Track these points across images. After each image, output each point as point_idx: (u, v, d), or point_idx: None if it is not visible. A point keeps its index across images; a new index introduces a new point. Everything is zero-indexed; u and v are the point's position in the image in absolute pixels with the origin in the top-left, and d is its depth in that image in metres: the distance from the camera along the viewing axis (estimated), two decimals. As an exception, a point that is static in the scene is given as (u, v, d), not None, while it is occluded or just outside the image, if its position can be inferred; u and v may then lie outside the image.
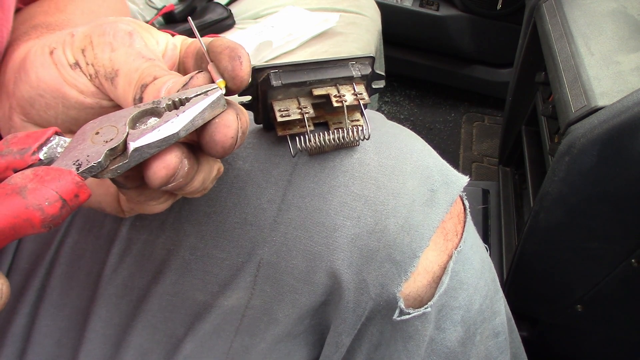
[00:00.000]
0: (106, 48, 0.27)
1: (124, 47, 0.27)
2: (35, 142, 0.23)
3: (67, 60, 0.27)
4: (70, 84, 0.27)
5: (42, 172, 0.21)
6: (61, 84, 0.27)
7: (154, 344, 0.38)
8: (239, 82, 0.25)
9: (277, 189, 0.35)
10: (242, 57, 0.25)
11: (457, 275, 0.38)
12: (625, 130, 0.54)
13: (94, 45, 0.27)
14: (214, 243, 0.35)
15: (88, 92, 0.27)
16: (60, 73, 0.27)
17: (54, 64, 0.27)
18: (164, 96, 0.25)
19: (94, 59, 0.27)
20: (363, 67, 0.33)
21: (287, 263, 0.35)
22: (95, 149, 0.23)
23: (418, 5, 1.51)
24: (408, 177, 0.36)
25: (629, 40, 0.67)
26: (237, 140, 0.25)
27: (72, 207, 0.21)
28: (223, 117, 0.25)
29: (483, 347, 0.42)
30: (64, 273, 0.39)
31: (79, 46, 0.27)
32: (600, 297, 0.71)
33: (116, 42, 0.27)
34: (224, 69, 0.25)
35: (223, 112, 0.25)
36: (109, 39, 0.27)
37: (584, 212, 0.63)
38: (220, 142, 0.25)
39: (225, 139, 0.25)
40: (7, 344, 0.39)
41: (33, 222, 0.20)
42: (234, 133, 0.25)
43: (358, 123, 0.35)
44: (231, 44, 0.26)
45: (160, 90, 0.25)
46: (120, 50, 0.27)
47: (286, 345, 0.38)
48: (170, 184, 0.24)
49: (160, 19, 1.10)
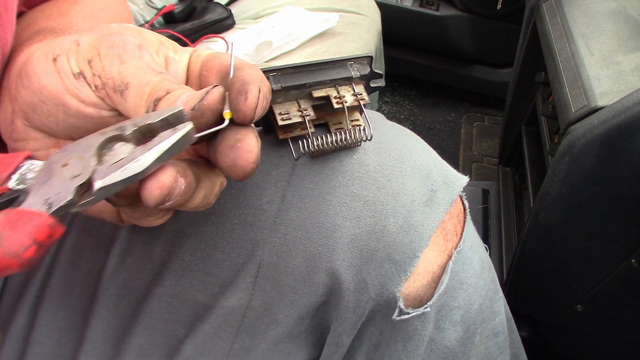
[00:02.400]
0: (115, 60, 0.26)
1: (133, 60, 0.26)
2: (5, 171, 0.23)
3: (71, 69, 0.27)
4: (72, 93, 0.27)
5: (14, 217, 0.22)
6: (63, 93, 0.27)
7: (155, 345, 0.38)
8: (242, 117, 0.25)
9: (277, 190, 0.35)
10: (248, 93, 0.24)
11: (457, 275, 0.38)
12: (625, 130, 0.54)
13: (102, 57, 0.27)
14: (214, 244, 0.35)
15: (89, 102, 0.27)
16: (62, 81, 0.27)
17: (57, 72, 0.27)
18: (126, 122, 0.24)
19: (102, 70, 0.27)
20: (361, 67, 0.33)
21: (287, 264, 0.35)
22: (65, 186, 0.23)
23: (418, 5, 1.51)
24: (408, 177, 0.36)
25: (629, 40, 0.67)
26: (258, 164, 0.25)
27: (48, 246, 0.22)
28: (245, 142, 0.24)
29: (483, 347, 0.42)
30: (64, 273, 0.39)
31: (85, 56, 0.27)
32: (600, 297, 0.71)
33: (126, 55, 0.27)
34: (231, 100, 0.25)
35: (245, 136, 0.25)
36: (118, 51, 0.27)
37: (584, 212, 0.63)
38: (241, 167, 0.24)
39: (247, 163, 0.24)
40: (7, 343, 0.39)
41: (11, 267, 0.21)
42: (256, 158, 0.25)
43: (358, 123, 0.35)
44: (246, 77, 0.25)
45: (176, 104, 0.24)
46: (130, 63, 0.26)
47: (286, 345, 0.39)
48: (167, 203, 0.24)
49: (160, 19, 1.10)
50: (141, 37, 0.28)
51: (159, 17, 1.09)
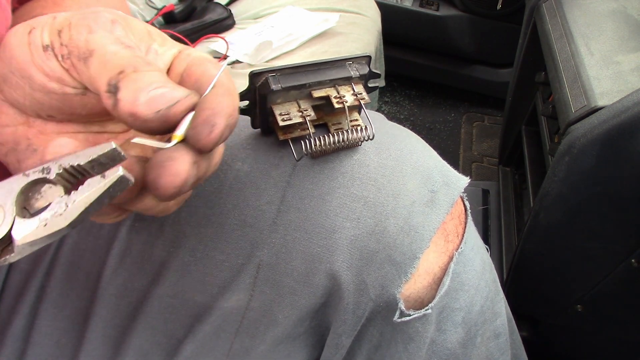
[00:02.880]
0: (83, 30, 0.26)
1: (103, 31, 0.26)
2: None
3: (42, 41, 0.26)
4: (37, 66, 0.26)
5: None
6: (29, 65, 0.26)
7: (154, 345, 0.38)
8: (198, 146, 0.23)
9: (276, 191, 0.35)
10: (214, 127, 0.23)
11: (459, 276, 0.37)
12: (625, 130, 0.54)
13: (72, 27, 0.26)
14: (213, 245, 0.35)
15: (53, 76, 0.26)
16: (31, 54, 0.26)
17: (28, 44, 0.26)
18: (51, 162, 0.22)
19: (69, 39, 0.26)
20: (360, 66, 0.33)
21: (287, 265, 0.35)
22: None
23: (418, 5, 1.51)
24: (408, 178, 0.36)
25: (629, 40, 0.67)
26: (186, 188, 0.23)
27: None
28: (175, 165, 0.23)
29: (484, 349, 0.42)
30: (63, 273, 0.39)
31: (57, 27, 0.26)
32: (600, 297, 0.71)
33: (96, 26, 0.26)
34: (194, 124, 0.23)
35: (174, 160, 0.22)
36: (88, 22, 0.26)
37: (584, 212, 0.63)
38: (162, 187, 0.23)
39: (168, 187, 0.23)
40: (7, 344, 0.39)
41: None
42: (180, 184, 0.23)
43: (357, 123, 0.35)
44: (217, 107, 0.23)
45: (141, 90, 0.23)
46: (98, 33, 0.25)
47: (286, 346, 0.38)
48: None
49: (161, 19, 1.10)
50: (125, 21, 0.27)
51: (159, 17, 1.09)
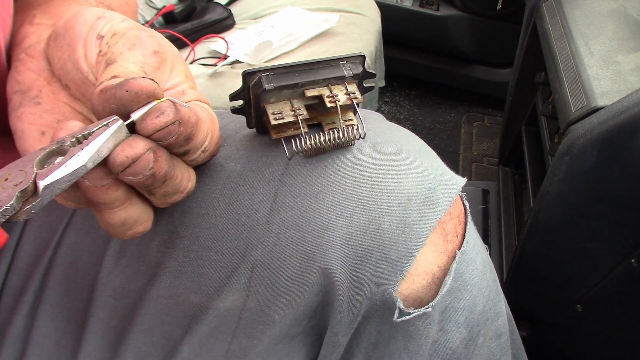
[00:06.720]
0: (127, 44, 0.30)
1: (139, 54, 0.30)
2: None
3: (101, 31, 0.30)
4: (85, 44, 0.30)
5: None
6: (80, 39, 0.30)
7: (152, 347, 0.38)
8: (139, 128, 0.26)
9: (269, 189, 0.35)
10: (161, 115, 0.26)
11: (461, 276, 0.37)
12: (625, 130, 0.54)
13: (123, 36, 0.30)
14: (207, 245, 0.35)
15: (88, 59, 0.30)
16: (88, 33, 0.30)
17: (91, 26, 0.30)
18: (66, 137, 0.26)
19: (114, 44, 0.30)
20: (354, 66, 0.33)
21: (281, 264, 0.35)
22: (6, 193, 0.23)
23: (418, 5, 1.51)
24: (403, 176, 0.35)
25: (629, 40, 0.67)
26: (145, 163, 0.26)
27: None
28: (130, 146, 0.26)
29: (486, 349, 0.42)
30: (62, 274, 0.39)
31: (116, 29, 0.30)
32: (600, 297, 0.71)
33: (138, 47, 0.30)
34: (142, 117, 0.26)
35: (131, 144, 0.26)
36: (135, 41, 0.30)
37: (584, 212, 0.63)
38: (115, 161, 0.25)
39: (118, 163, 0.25)
40: (7, 345, 0.39)
41: None
42: (133, 155, 0.25)
43: (351, 122, 0.35)
44: (182, 109, 0.27)
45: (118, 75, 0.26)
46: (134, 52, 0.29)
47: (284, 346, 0.38)
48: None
49: (160, 19, 1.10)
50: (165, 57, 0.31)
51: (159, 17, 1.09)
